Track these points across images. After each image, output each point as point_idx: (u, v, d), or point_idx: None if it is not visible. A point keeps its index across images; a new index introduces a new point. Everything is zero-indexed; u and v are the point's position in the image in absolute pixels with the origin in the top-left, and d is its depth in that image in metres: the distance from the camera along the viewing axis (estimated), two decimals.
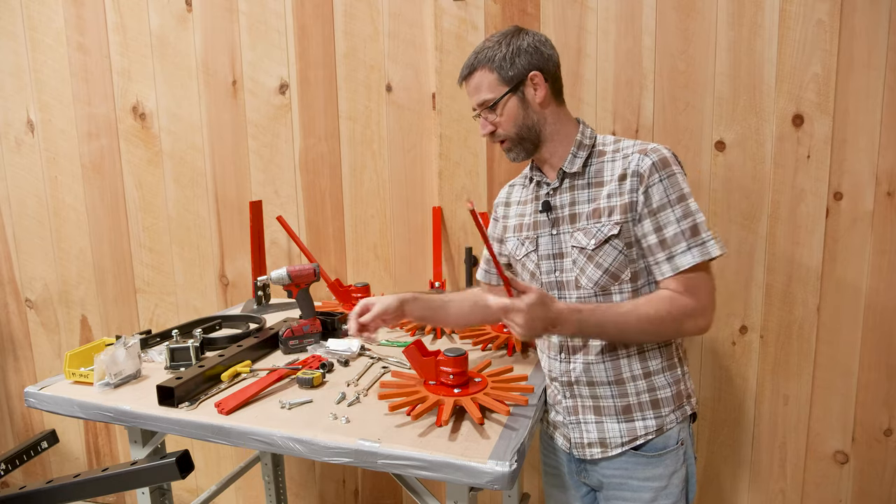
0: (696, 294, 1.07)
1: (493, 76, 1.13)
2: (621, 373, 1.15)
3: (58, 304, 2.37)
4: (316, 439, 1.06)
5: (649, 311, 1.07)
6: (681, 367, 1.19)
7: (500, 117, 1.15)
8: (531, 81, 1.13)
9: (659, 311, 1.07)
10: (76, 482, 0.87)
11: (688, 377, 1.20)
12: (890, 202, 1.54)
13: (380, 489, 2.13)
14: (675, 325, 1.08)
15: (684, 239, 1.07)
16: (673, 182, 1.08)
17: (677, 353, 1.18)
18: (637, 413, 1.15)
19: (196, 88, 2.07)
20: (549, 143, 1.17)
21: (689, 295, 1.07)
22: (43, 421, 2.52)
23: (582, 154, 1.16)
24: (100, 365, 1.29)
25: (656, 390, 1.15)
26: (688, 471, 1.18)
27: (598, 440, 1.17)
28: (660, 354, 1.15)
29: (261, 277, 1.70)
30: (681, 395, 1.17)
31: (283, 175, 2.04)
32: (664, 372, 1.15)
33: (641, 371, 1.14)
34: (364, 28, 1.88)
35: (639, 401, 1.14)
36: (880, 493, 1.67)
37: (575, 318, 1.05)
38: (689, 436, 1.20)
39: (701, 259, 1.06)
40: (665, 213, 1.08)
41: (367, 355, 1.47)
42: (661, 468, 1.14)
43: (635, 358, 1.15)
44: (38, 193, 2.30)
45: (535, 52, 1.13)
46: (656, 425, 1.14)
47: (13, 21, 2.19)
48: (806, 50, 1.54)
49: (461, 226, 1.89)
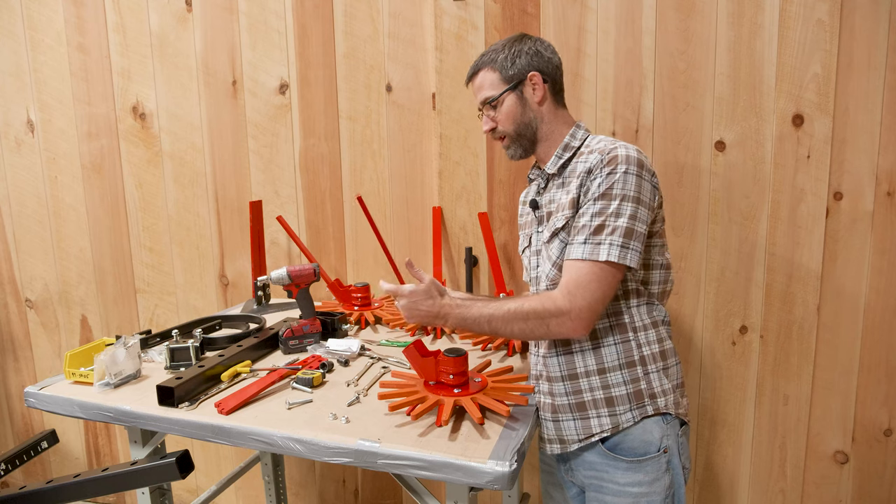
0: (573, 294, 1.06)
1: (495, 75, 1.22)
2: (575, 367, 1.15)
3: (58, 304, 2.37)
4: (316, 439, 1.06)
5: (516, 306, 1.08)
6: (643, 366, 1.14)
7: (499, 114, 1.23)
8: (530, 81, 1.20)
9: (524, 307, 1.08)
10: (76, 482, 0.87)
11: (656, 377, 1.14)
12: (890, 202, 1.54)
13: (380, 489, 2.13)
14: (540, 324, 1.07)
15: (586, 233, 1.07)
16: (610, 179, 1.07)
17: (640, 351, 1.14)
18: (592, 410, 1.14)
19: (196, 88, 2.07)
20: (545, 142, 1.23)
21: (565, 294, 1.06)
22: (43, 421, 2.52)
23: (565, 155, 1.20)
24: (100, 365, 1.29)
25: (610, 388, 1.13)
26: (673, 480, 1.16)
27: (556, 437, 1.18)
28: (615, 351, 1.14)
29: (261, 277, 1.70)
30: (640, 395, 1.13)
31: (283, 175, 2.04)
32: (621, 370, 1.13)
33: (595, 367, 1.14)
34: (364, 28, 1.88)
35: (593, 397, 1.14)
36: (880, 493, 1.67)
37: (455, 311, 1.12)
38: (678, 445, 1.16)
39: (589, 257, 1.05)
40: (588, 204, 1.09)
41: (367, 355, 1.47)
42: (642, 474, 1.13)
43: (589, 353, 1.14)
44: (38, 193, 2.30)
45: (536, 54, 1.21)
46: (611, 423, 1.13)
47: (13, 21, 2.19)
48: (806, 50, 1.54)
49: (461, 226, 1.89)
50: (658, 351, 1.16)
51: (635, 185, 1.07)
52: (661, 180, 1.69)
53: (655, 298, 1.18)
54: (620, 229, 1.05)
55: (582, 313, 1.05)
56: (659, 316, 1.18)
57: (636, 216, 1.06)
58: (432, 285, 1.14)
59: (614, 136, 1.70)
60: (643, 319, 1.15)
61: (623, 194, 1.07)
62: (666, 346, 1.18)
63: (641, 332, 1.15)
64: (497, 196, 1.84)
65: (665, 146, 1.67)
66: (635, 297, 1.15)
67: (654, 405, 1.13)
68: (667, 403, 1.14)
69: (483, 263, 1.88)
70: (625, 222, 1.06)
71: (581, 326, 1.06)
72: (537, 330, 1.08)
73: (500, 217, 1.85)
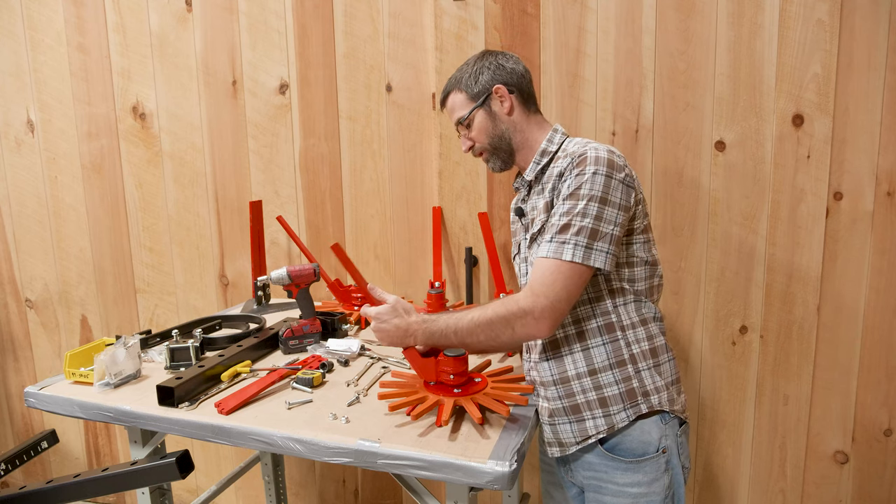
0: (536, 293, 1.05)
1: (462, 95, 1.26)
2: (566, 371, 1.15)
3: (58, 304, 2.37)
4: (316, 439, 1.06)
5: (479, 314, 1.08)
6: (633, 365, 1.13)
7: (473, 132, 1.26)
8: (496, 94, 1.23)
9: (486, 313, 1.07)
10: (76, 482, 0.87)
11: (648, 374, 1.13)
12: (890, 202, 1.54)
13: (380, 489, 2.13)
14: (505, 328, 1.06)
15: (552, 231, 1.07)
16: (578, 180, 1.07)
17: (629, 350, 1.13)
18: (586, 412, 1.14)
19: (196, 88, 2.07)
20: (522, 150, 1.26)
21: (528, 294, 1.05)
22: (43, 421, 2.52)
23: (543, 160, 1.22)
24: (100, 365, 1.29)
25: (602, 388, 1.13)
26: (673, 480, 1.16)
27: (555, 441, 1.19)
28: (605, 351, 1.13)
29: (261, 277, 1.70)
30: (633, 393, 1.12)
31: (283, 175, 2.04)
32: (611, 369, 1.13)
33: (586, 369, 1.13)
34: (364, 28, 1.88)
35: (586, 399, 1.13)
36: (880, 493, 1.67)
37: (423, 327, 1.13)
38: (677, 444, 1.16)
39: (553, 255, 1.05)
40: (557, 204, 1.10)
41: (367, 355, 1.47)
42: (641, 475, 1.13)
43: (579, 355, 1.14)
44: (38, 193, 2.30)
45: (498, 67, 1.24)
46: (606, 424, 1.12)
47: (13, 21, 2.19)
48: (806, 50, 1.54)
49: (461, 226, 1.89)
50: (648, 348, 1.15)
51: (603, 186, 1.06)
52: (661, 180, 1.69)
53: (643, 295, 1.17)
54: (586, 230, 1.05)
55: (545, 312, 1.04)
56: (648, 313, 1.17)
57: (602, 217, 1.06)
58: (397, 304, 1.16)
59: (614, 136, 1.70)
60: (631, 318, 1.15)
61: (591, 195, 1.06)
62: (657, 343, 1.16)
63: (630, 330, 1.14)
64: (497, 196, 1.84)
65: (665, 146, 1.67)
66: (621, 296, 1.15)
67: (648, 403, 1.13)
68: (661, 401, 1.14)
69: (483, 263, 1.88)
70: (590, 223, 1.05)
71: (545, 326, 1.05)
72: (502, 334, 1.07)
73: (500, 217, 1.85)
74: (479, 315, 1.08)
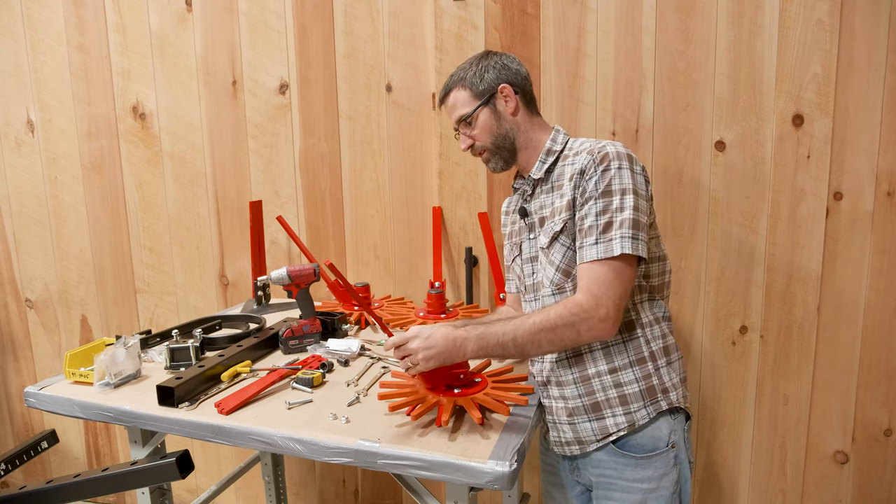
0: (596, 295, 1.05)
1: (466, 93, 1.24)
2: (586, 370, 1.15)
3: (58, 304, 2.37)
4: (316, 439, 1.06)
5: (542, 318, 1.06)
6: (653, 362, 1.15)
7: (475, 130, 1.25)
8: (501, 93, 1.22)
9: (550, 317, 1.06)
10: (76, 482, 0.87)
11: (665, 371, 1.15)
12: (890, 202, 1.54)
13: (380, 489, 2.13)
14: (570, 331, 1.05)
15: (595, 233, 1.07)
16: (605, 176, 1.08)
17: (648, 347, 1.15)
18: (607, 410, 1.14)
19: (196, 88, 2.07)
20: (524, 151, 1.25)
21: (589, 296, 1.05)
22: (43, 421, 2.52)
23: (549, 160, 1.22)
24: (100, 365, 1.29)
25: (623, 386, 1.13)
26: (681, 474, 1.17)
27: (574, 439, 1.19)
28: (625, 349, 1.14)
29: (261, 277, 1.70)
30: (653, 390, 1.14)
31: (283, 175, 2.04)
32: (632, 367, 1.13)
33: (606, 367, 1.14)
34: (364, 28, 1.88)
35: (606, 397, 1.14)
36: (880, 493, 1.67)
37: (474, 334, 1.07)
38: (684, 439, 1.18)
39: (604, 256, 1.05)
40: (589, 204, 1.09)
41: (367, 355, 1.47)
42: (651, 470, 1.13)
43: (599, 353, 1.14)
44: (38, 193, 2.30)
45: (503, 67, 1.23)
46: (626, 422, 1.13)
47: (13, 21, 2.19)
48: (806, 50, 1.54)
49: (461, 226, 1.89)
50: (663, 346, 1.17)
51: (631, 179, 1.08)
52: (661, 180, 1.69)
53: (656, 293, 1.19)
54: (627, 221, 1.06)
55: (610, 312, 1.05)
56: (660, 312, 1.19)
57: (638, 207, 1.07)
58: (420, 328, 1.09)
59: (614, 136, 1.70)
60: (648, 315, 1.16)
61: (623, 188, 1.07)
62: (669, 342, 1.18)
63: (648, 328, 1.16)
64: (497, 196, 1.84)
65: (665, 146, 1.67)
66: (639, 294, 1.16)
67: (668, 400, 1.14)
68: (678, 397, 1.16)
69: (483, 263, 1.88)
70: (630, 214, 1.06)
71: (610, 326, 1.05)
72: (567, 338, 1.06)
73: (500, 217, 1.85)
74: (541, 320, 1.06)
